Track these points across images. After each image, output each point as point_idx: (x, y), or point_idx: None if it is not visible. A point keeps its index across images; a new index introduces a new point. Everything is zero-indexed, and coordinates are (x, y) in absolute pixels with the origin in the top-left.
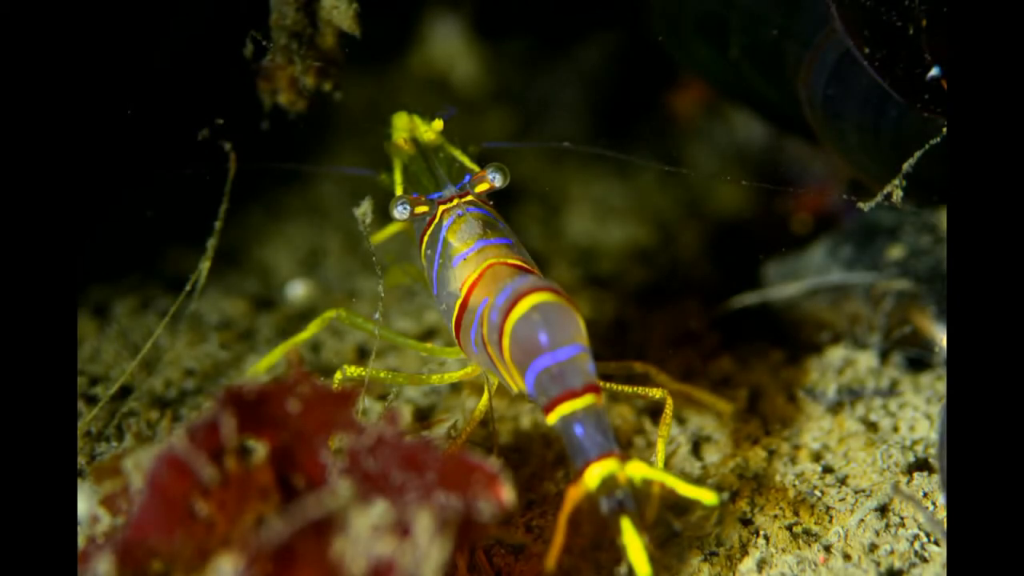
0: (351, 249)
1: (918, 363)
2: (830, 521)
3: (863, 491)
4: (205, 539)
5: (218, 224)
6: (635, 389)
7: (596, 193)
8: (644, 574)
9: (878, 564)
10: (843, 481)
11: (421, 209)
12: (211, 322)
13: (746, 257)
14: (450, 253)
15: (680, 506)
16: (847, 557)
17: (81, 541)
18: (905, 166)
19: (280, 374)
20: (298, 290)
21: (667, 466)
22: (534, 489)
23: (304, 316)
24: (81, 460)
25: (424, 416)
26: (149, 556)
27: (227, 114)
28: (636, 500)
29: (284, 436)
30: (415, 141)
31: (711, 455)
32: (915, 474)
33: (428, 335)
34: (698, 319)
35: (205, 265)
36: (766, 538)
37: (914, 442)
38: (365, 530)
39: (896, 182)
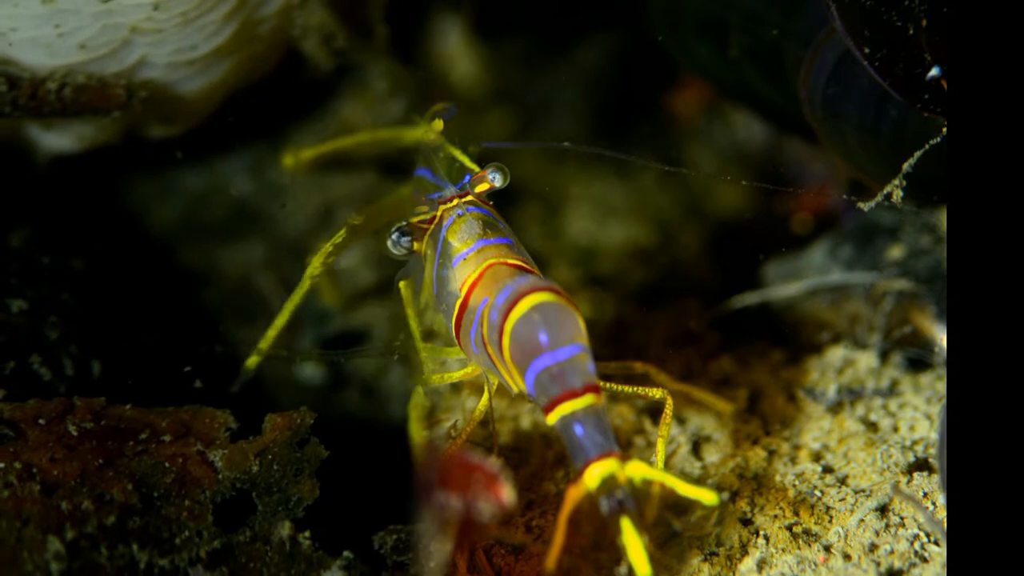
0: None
1: (918, 363)
2: (830, 521)
3: (863, 491)
4: None
5: None
6: (635, 389)
7: (596, 193)
8: (644, 574)
9: (878, 564)
10: (843, 481)
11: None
12: None
13: (746, 257)
14: (450, 253)
15: (680, 506)
16: (847, 557)
17: None
18: (905, 166)
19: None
20: None
21: (667, 466)
22: (534, 489)
23: None
24: None
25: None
26: None
27: None
28: (636, 500)
29: None
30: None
31: (711, 455)
32: (915, 474)
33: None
34: (698, 319)
35: None
36: (766, 538)
37: (914, 442)
38: None
39: (896, 182)
